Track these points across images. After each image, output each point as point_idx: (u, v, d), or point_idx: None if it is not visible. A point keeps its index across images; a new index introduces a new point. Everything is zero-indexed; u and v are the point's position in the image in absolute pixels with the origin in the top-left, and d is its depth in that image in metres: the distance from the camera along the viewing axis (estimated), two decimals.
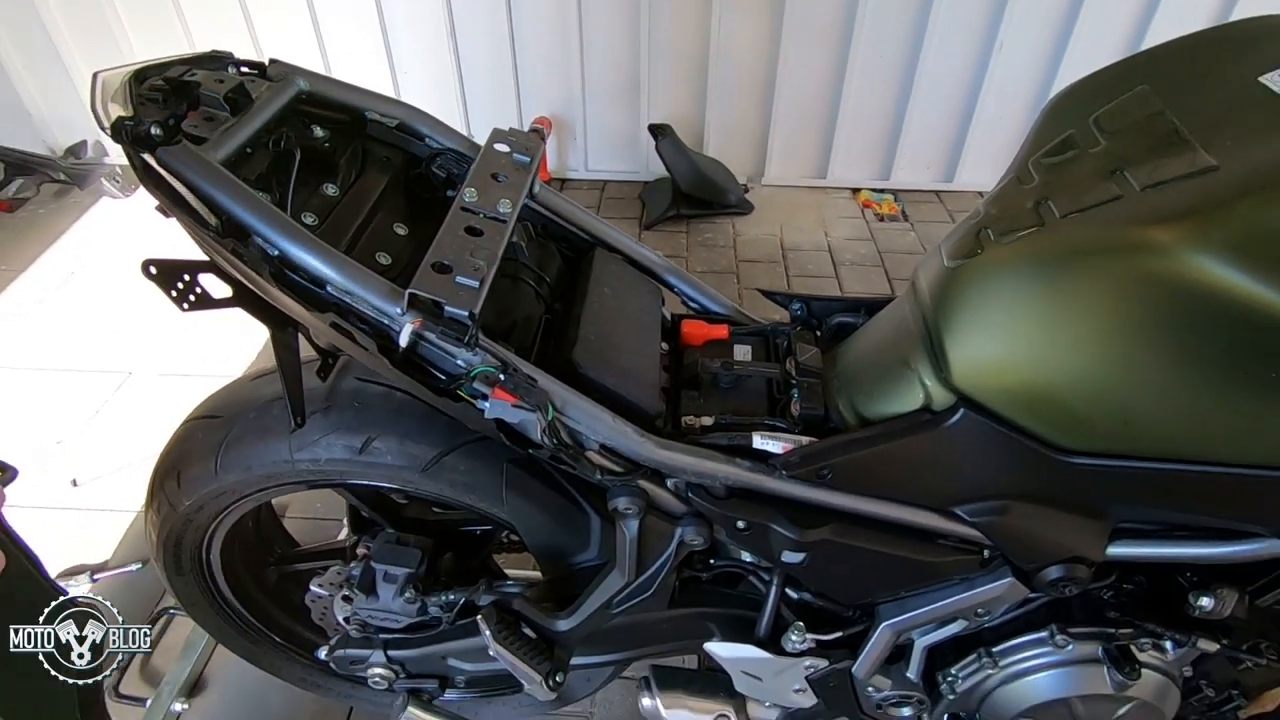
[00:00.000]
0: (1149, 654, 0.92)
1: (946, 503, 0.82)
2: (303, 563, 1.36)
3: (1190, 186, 0.60)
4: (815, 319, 1.04)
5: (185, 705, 1.59)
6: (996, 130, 3.35)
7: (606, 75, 3.28)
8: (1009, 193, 0.76)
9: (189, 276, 0.85)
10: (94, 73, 0.77)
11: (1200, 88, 0.72)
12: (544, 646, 1.00)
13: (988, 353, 0.70)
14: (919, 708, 1.03)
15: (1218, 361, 0.61)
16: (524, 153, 0.89)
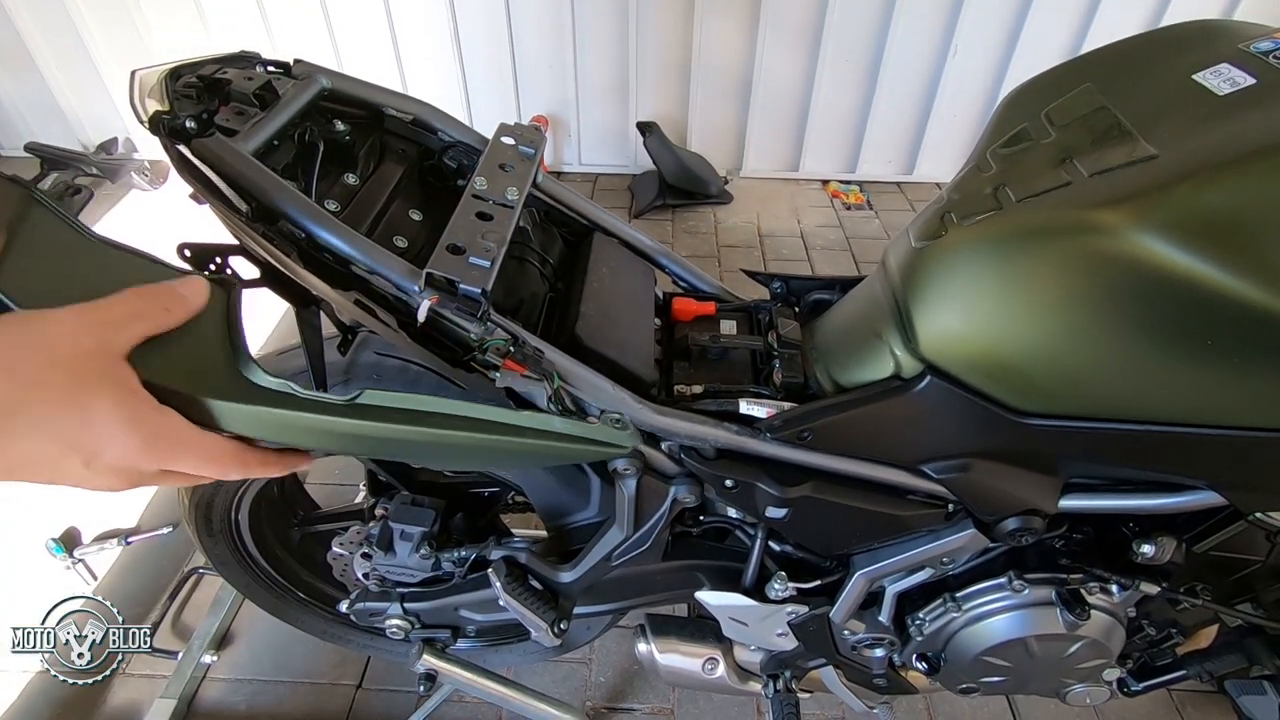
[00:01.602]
0: (1097, 597, 0.93)
1: (914, 461, 0.83)
2: (324, 524, 1.37)
3: (1132, 173, 0.61)
4: (794, 296, 1.05)
5: (214, 657, 1.61)
6: (952, 127, 3.38)
7: (598, 77, 3.27)
8: (969, 180, 0.76)
9: (220, 259, 0.85)
10: (132, 71, 0.77)
11: (1140, 85, 0.73)
12: (549, 597, 1.01)
13: (951, 325, 0.71)
14: (890, 649, 1.04)
15: (1158, 331, 0.62)
16: (528, 145, 0.90)
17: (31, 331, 0.40)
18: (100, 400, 0.43)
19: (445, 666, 1.22)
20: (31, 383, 0.40)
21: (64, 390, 0.41)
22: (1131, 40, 0.80)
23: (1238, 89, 0.63)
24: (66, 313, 0.42)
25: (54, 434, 0.42)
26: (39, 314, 0.41)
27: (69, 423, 0.42)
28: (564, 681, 1.59)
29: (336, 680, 1.59)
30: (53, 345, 0.41)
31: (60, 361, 0.41)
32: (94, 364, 0.43)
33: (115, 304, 0.44)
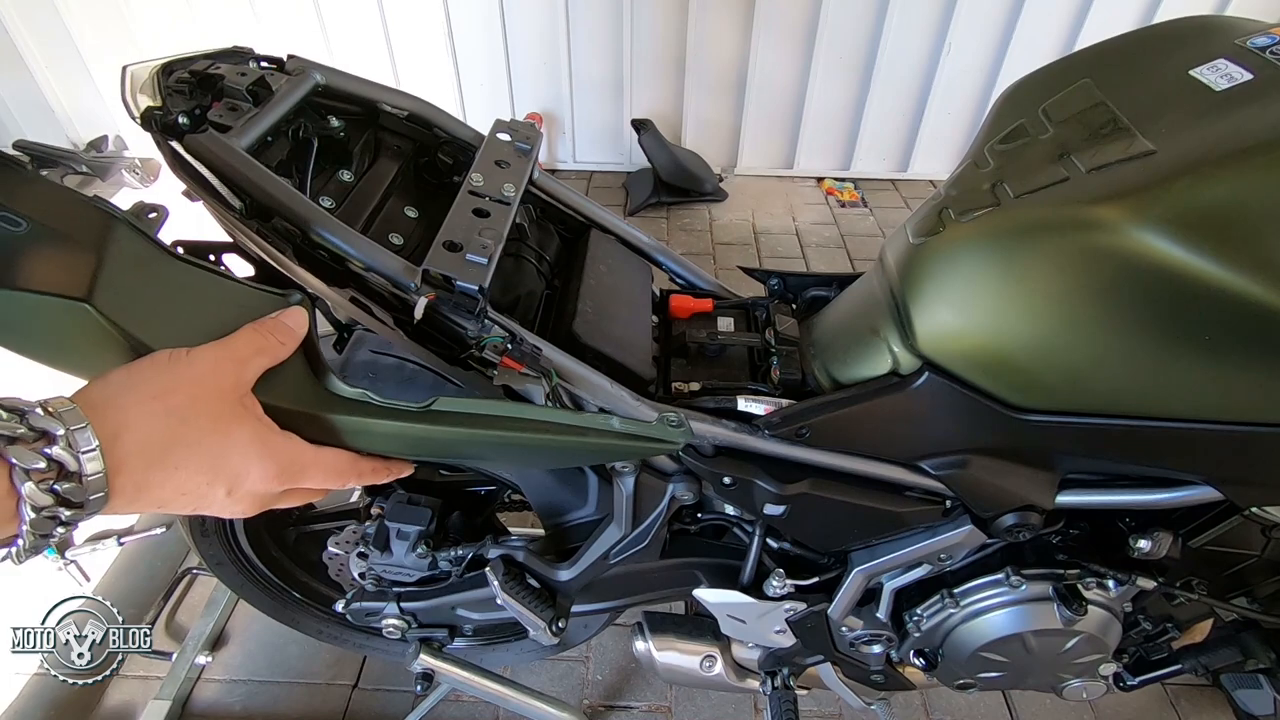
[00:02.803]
0: (1094, 592, 0.93)
1: (912, 458, 0.83)
2: (320, 523, 1.36)
3: (1130, 169, 0.61)
4: (791, 293, 1.04)
5: (209, 658, 1.60)
6: (945, 124, 3.38)
7: (593, 74, 3.26)
8: (967, 176, 0.76)
9: (214, 256, 0.85)
10: (123, 66, 0.76)
11: (1137, 81, 0.73)
12: (547, 595, 1.00)
13: (949, 321, 0.71)
14: (888, 645, 1.05)
15: (1156, 327, 0.62)
16: (524, 141, 0.89)
17: (180, 371, 0.44)
18: (240, 431, 0.47)
19: (442, 666, 1.22)
20: (184, 419, 0.44)
21: (210, 424, 0.45)
22: (1128, 36, 0.80)
23: (1235, 84, 0.63)
24: (206, 351, 0.46)
25: (203, 465, 0.46)
26: (184, 354, 0.45)
27: (216, 454, 0.46)
28: (561, 680, 1.59)
29: (332, 680, 1.58)
30: (198, 383, 0.44)
31: (205, 398, 0.45)
32: (231, 399, 0.47)
33: (241, 342, 0.48)
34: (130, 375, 0.43)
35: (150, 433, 0.43)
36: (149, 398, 0.42)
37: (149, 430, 0.42)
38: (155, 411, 0.42)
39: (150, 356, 0.45)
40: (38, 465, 0.39)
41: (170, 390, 0.43)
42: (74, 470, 0.40)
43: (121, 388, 0.42)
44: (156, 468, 0.43)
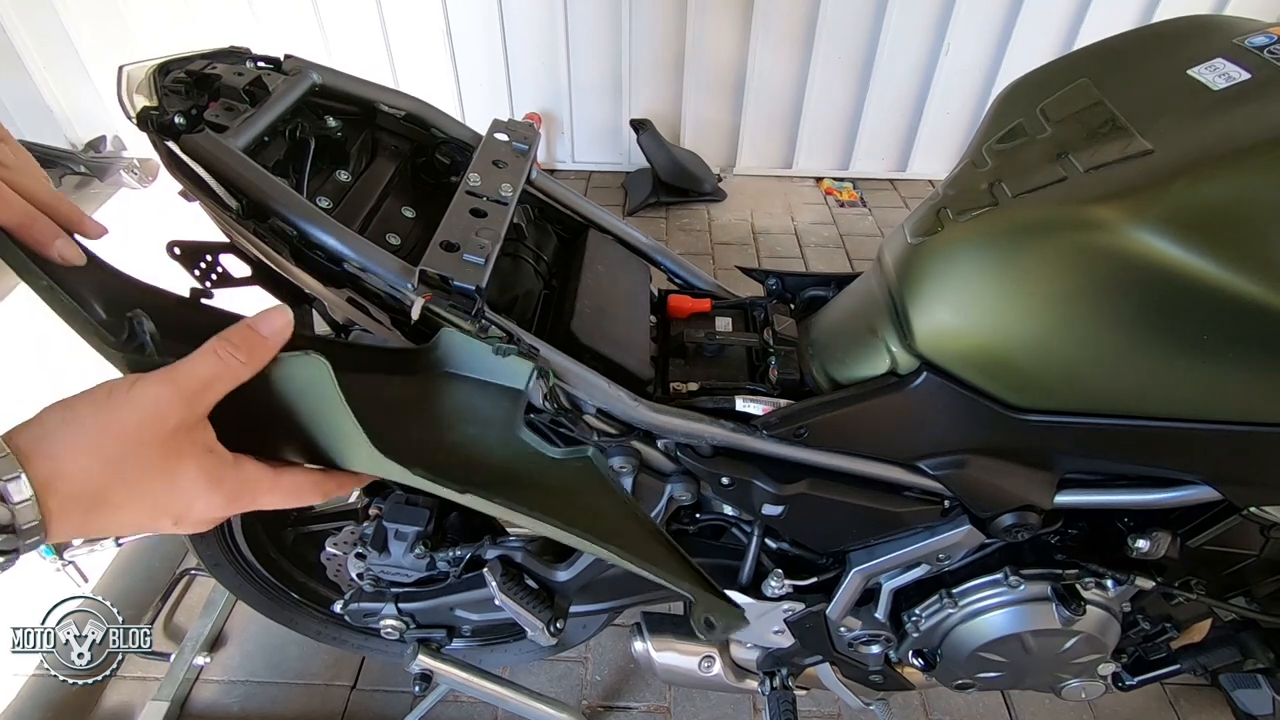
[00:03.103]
0: (1092, 592, 0.93)
1: (911, 458, 0.83)
2: (318, 524, 1.36)
3: (1128, 168, 0.61)
4: (789, 293, 1.04)
5: (207, 659, 1.60)
6: (944, 124, 3.38)
7: (591, 74, 3.26)
8: (965, 175, 0.76)
9: (210, 257, 0.85)
10: (119, 66, 0.76)
11: (1135, 80, 0.73)
12: (545, 596, 1.00)
13: (948, 321, 0.71)
14: (886, 645, 1.04)
15: (1154, 326, 0.62)
16: (522, 141, 0.89)
17: (118, 414, 0.41)
18: (185, 468, 0.45)
19: (441, 666, 1.22)
20: (121, 467, 0.42)
21: (152, 464, 0.43)
22: (1126, 35, 0.80)
23: (1233, 84, 0.63)
24: (150, 386, 0.42)
25: (144, 505, 0.44)
26: (125, 390, 0.42)
27: (158, 493, 0.44)
28: (560, 680, 1.59)
29: (331, 681, 1.58)
30: (137, 429, 0.42)
31: (145, 444, 0.42)
32: (178, 434, 0.44)
33: (194, 369, 0.44)
34: (66, 420, 0.41)
35: (86, 482, 0.41)
36: (83, 449, 0.40)
37: (85, 480, 0.41)
38: (90, 464, 0.41)
39: (89, 392, 0.42)
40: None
41: (105, 438, 0.41)
42: (6, 521, 0.39)
43: (56, 435, 0.40)
44: (95, 511, 0.42)
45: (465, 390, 0.65)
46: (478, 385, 0.65)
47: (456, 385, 0.65)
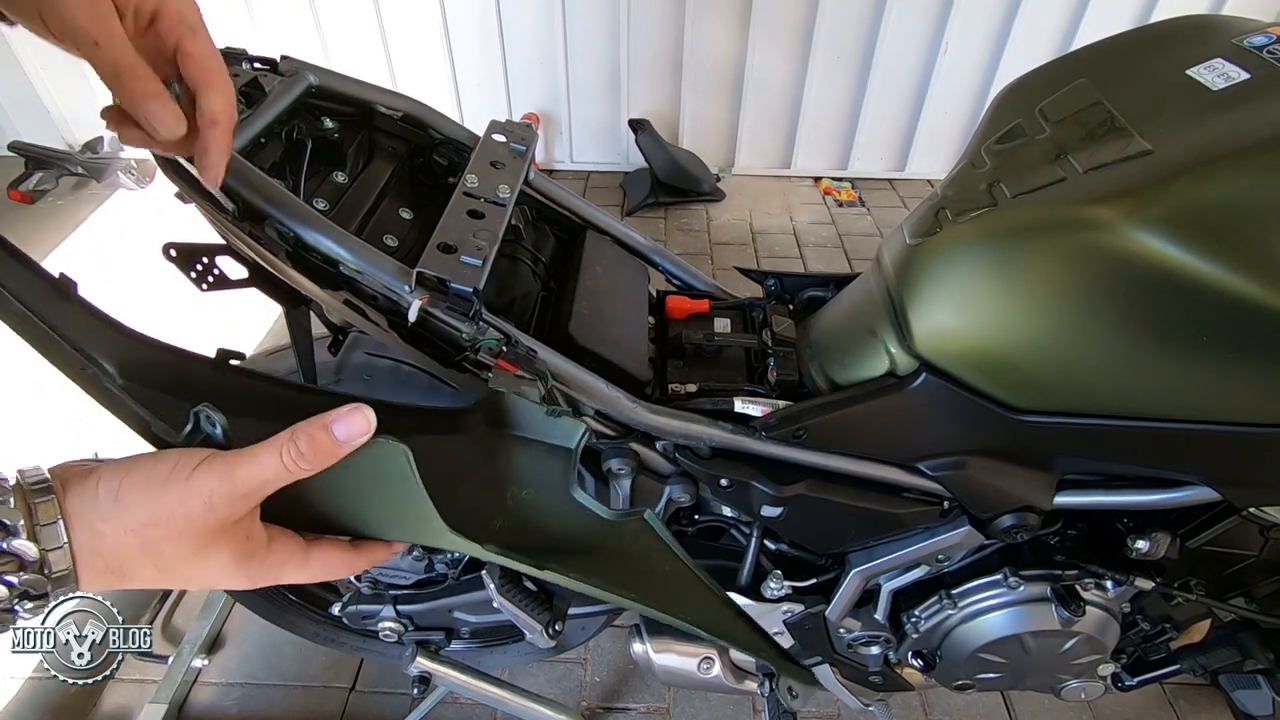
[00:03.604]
0: (1092, 593, 0.93)
1: (910, 459, 0.83)
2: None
3: (1127, 169, 0.61)
4: (788, 293, 1.04)
5: (205, 661, 1.59)
6: (943, 123, 3.38)
7: (589, 74, 3.26)
8: (964, 176, 0.76)
9: (207, 259, 0.84)
10: None
11: (1134, 80, 0.73)
12: (543, 598, 1.00)
13: (947, 322, 0.71)
14: (886, 646, 1.04)
15: (1154, 327, 0.62)
16: (520, 142, 0.89)
17: (170, 502, 0.41)
18: (219, 552, 0.44)
19: (439, 669, 1.22)
20: (160, 547, 0.41)
21: (189, 550, 0.42)
22: (1125, 35, 0.80)
23: (1232, 84, 0.63)
24: (207, 479, 0.41)
25: (170, 578, 0.43)
26: (183, 478, 0.41)
27: (186, 572, 0.44)
28: (559, 682, 1.58)
29: (329, 683, 1.58)
30: (186, 521, 0.41)
31: (190, 535, 0.42)
32: (223, 525, 0.43)
33: (258, 467, 0.42)
34: (118, 496, 0.40)
35: (120, 560, 0.41)
36: (126, 530, 0.40)
37: (119, 559, 0.41)
38: (130, 545, 0.40)
39: (148, 466, 0.41)
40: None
41: (151, 524, 0.40)
42: (38, 572, 0.39)
43: (104, 508, 0.40)
44: (125, 581, 0.42)
45: (516, 450, 0.63)
46: (528, 445, 0.63)
47: (508, 445, 0.63)
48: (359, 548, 0.52)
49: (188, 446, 0.43)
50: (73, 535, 0.39)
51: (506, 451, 0.63)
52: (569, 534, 0.61)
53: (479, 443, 0.64)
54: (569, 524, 0.61)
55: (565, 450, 0.63)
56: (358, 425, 0.44)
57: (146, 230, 2.90)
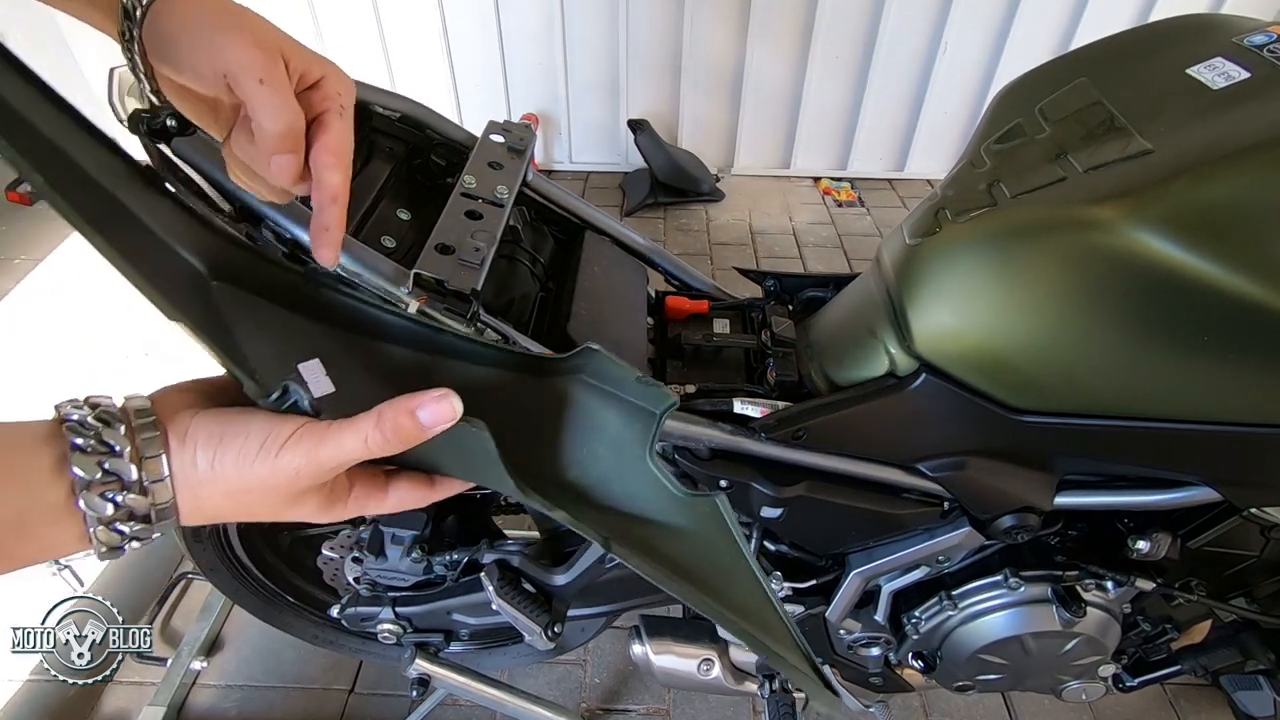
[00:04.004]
0: (1093, 593, 0.93)
1: (910, 459, 0.83)
2: (314, 528, 1.36)
3: (1127, 168, 0.61)
4: (787, 294, 1.04)
5: (204, 663, 1.59)
6: (942, 123, 3.38)
7: (588, 75, 3.26)
8: (964, 176, 0.76)
9: None
10: (111, 68, 0.75)
11: (1134, 79, 0.73)
12: (542, 600, 1.00)
13: (946, 322, 0.71)
14: (886, 647, 1.04)
15: (1154, 327, 0.62)
16: (518, 143, 0.89)
17: (259, 474, 0.43)
18: (304, 504, 0.46)
19: (438, 671, 1.21)
20: (251, 507, 0.44)
21: (276, 507, 0.45)
22: (1125, 35, 0.80)
23: (1232, 83, 0.63)
24: (294, 459, 0.42)
25: (261, 520, 0.46)
26: (271, 456, 0.42)
27: (275, 518, 0.46)
28: (559, 683, 1.58)
29: (328, 685, 1.57)
30: (276, 485, 0.43)
31: (278, 496, 0.44)
32: (308, 490, 0.45)
33: (342, 449, 0.43)
34: (212, 464, 0.42)
35: (218, 514, 0.44)
36: (223, 493, 0.43)
37: (217, 513, 0.44)
38: (226, 504, 0.43)
39: (238, 450, 0.42)
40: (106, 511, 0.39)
41: (241, 489, 0.43)
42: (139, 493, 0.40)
43: (199, 474, 0.42)
44: (217, 520, 0.45)
45: (600, 405, 0.60)
46: (613, 402, 0.60)
47: (593, 398, 0.60)
48: (434, 482, 0.53)
49: (276, 411, 0.44)
50: (176, 494, 0.42)
51: (590, 405, 0.60)
52: (636, 503, 0.59)
53: (561, 388, 0.61)
54: (638, 493, 0.59)
55: (649, 416, 0.59)
56: (444, 413, 0.44)
57: None
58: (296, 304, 0.52)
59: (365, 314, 0.54)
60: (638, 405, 0.59)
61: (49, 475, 0.38)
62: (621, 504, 0.58)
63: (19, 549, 0.39)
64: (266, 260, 0.51)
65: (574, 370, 0.59)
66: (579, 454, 0.59)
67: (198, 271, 0.48)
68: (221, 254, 0.50)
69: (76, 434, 0.39)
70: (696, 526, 0.59)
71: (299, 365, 0.48)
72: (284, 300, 0.51)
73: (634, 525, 0.57)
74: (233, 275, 0.50)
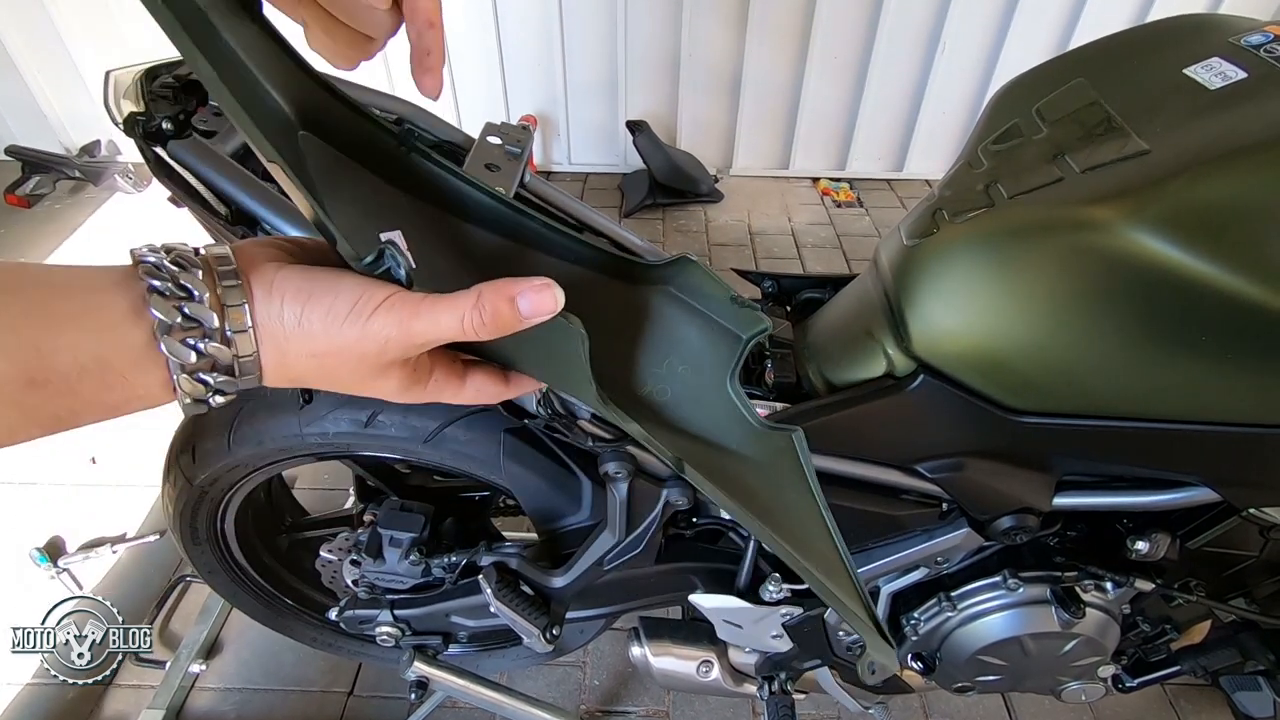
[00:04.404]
0: (1092, 594, 0.93)
1: (908, 461, 0.83)
2: (312, 530, 1.36)
3: (1124, 169, 0.61)
4: (785, 295, 1.04)
5: (203, 666, 1.59)
6: (941, 123, 3.39)
7: (587, 76, 3.26)
8: (961, 177, 0.76)
9: None
10: (106, 71, 0.75)
11: (1131, 79, 0.73)
12: (541, 602, 1.00)
13: (944, 323, 0.71)
14: None
15: (1151, 327, 0.62)
16: (515, 144, 0.89)
17: (346, 338, 0.41)
18: (387, 380, 0.45)
19: (437, 673, 1.21)
20: (335, 372, 0.43)
21: (360, 377, 0.44)
22: (1122, 35, 0.80)
23: (1229, 83, 0.63)
24: (385, 327, 0.41)
25: (341, 390, 0.45)
26: (362, 320, 0.41)
27: (355, 389, 0.45)
28: (558, 685, 1.58)
29: (327, 688, 1.57)
30: (363, 353, 0.42)
31: (365, 365, 0.43)
32: (393, 364, 0.44)
33: (437, 325, 0.42)
34: (300, 322, 0.41)
35: (301, 375, 0.43)
36: (308, 354, 0.41)
37: (300, 373, 0.43)
38: (310, 366, 0.42)
39: (327, 307, 0.41)
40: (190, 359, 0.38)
41: (328, 353, 0.41)
42: (220, 341, 0.39)
43: (289, 331, 0.41)
44: (300, 385, 0.44)
45: (688, 320, 0.58)
46: (701, 320, 0.58)
47: (681, 312, 0.58)
48: (510, 378, 0.52)
49: (369, 275, 0.42)
50: (260, 347, 0.40)
51: (678, 319, 0.58)
52: (709, 428, 0.57)
53: (650, 299, 0.59)
54: (714, 416, 0.57)
55: (734, 339, 0.58)
56: (545, 303, 0.42)
57: (143, 233, 2.89)
58: (384, 168, 0.49)
59: (455, 189, 0.52)
60: (724, 327, 0.57)
61: (128, 316, 0.37)
62: (694, 427, 0.56)
63: (104, 395, 0.38)
64: (361, 115, 0.48)
65: (665, 280, 0.57)
66: (658, 368, 0.57)
67: (286, 117, 0.45)
68: (314, 101, 0.46)
69: (153, 276, 0.37)
70: (769, 461, 0.57)
71: (381, 235, 0.46)
72: (372, 163, 0.49)
73: (706, 450, 0.56)
74: (323, 127, 0.47)
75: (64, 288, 0.37)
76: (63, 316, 0.36)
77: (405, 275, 0.41)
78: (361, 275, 0.41)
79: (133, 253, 0.39)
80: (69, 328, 0.36)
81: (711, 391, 0.57)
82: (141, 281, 0.37)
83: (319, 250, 0.46)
